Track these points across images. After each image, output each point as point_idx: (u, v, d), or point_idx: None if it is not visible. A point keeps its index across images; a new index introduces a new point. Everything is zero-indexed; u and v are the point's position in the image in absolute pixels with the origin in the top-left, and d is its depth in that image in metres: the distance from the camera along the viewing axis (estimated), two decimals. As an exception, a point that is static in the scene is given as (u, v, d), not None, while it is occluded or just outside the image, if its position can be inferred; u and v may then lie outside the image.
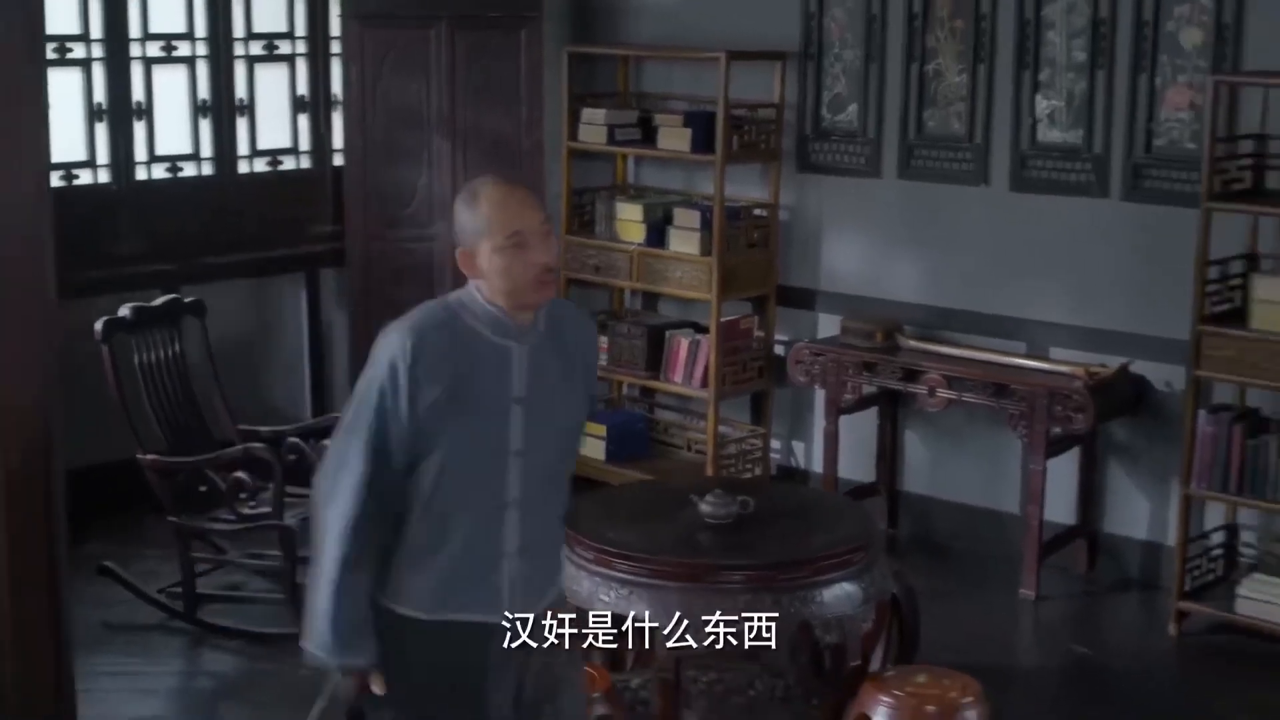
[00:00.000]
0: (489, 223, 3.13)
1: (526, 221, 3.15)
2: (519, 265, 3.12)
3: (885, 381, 6.03)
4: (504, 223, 3.13)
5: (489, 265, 3.13)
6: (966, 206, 6.10)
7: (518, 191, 3.22)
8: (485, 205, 3.15)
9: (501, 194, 3.18)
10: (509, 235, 3.11)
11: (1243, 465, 5.27)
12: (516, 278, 3.13)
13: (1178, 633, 5.44)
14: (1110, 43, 5.68)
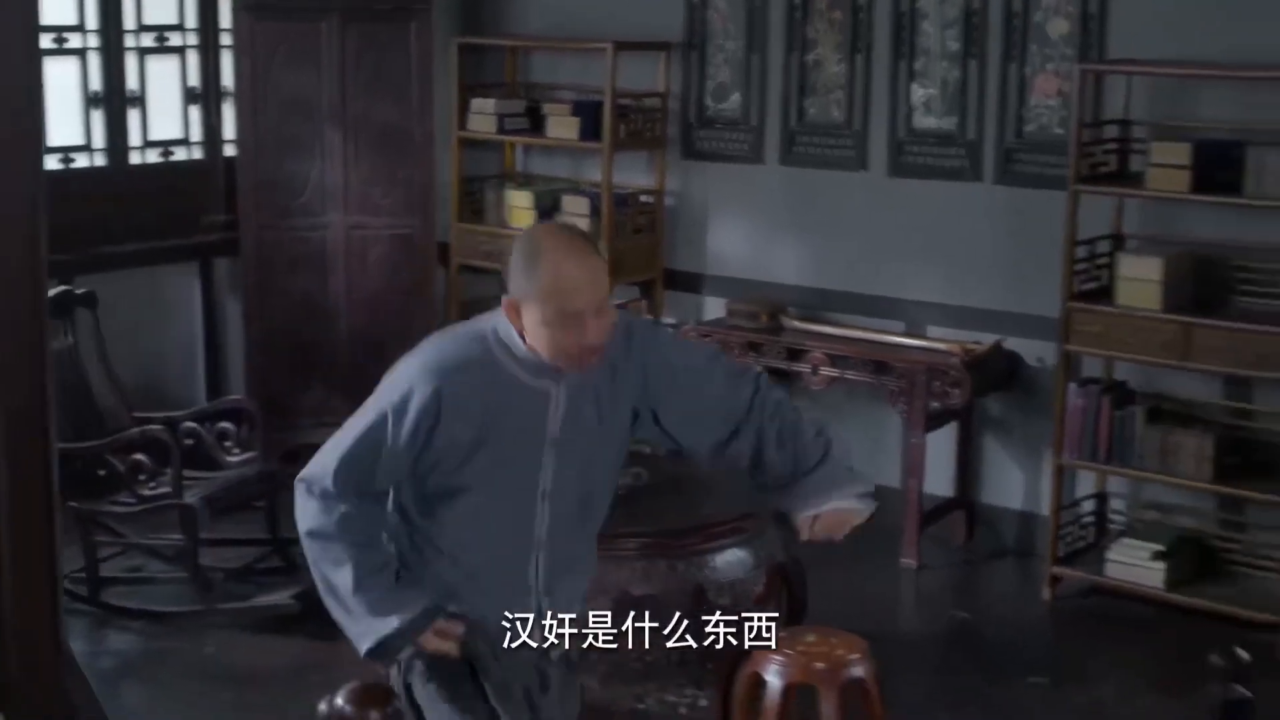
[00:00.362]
0: (544, 293, 2.85)
1: (585, 301, 2.87)
2: (565, 342, 2.88)
3: (770, 361, 6.22)
4: (562, 301, 2.85)
5: (533, 329, 2.89)
6: (846, 191, 6.31)
7: (588, 262, 2.90)
8: (547, 272, 2.86)
9: (568, 265, 2.86)
10: (563, 315, 2.86)
11: (1111, 436, 5.52)
12: (559, 350, 2.90)
13: (1052, 596, 5.69)
14: (982, 33, 5.92)
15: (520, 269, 2.88)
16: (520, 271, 2.88)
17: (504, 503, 2.99)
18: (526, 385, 2.96)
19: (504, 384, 2.95)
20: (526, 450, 2.98)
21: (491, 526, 3.01)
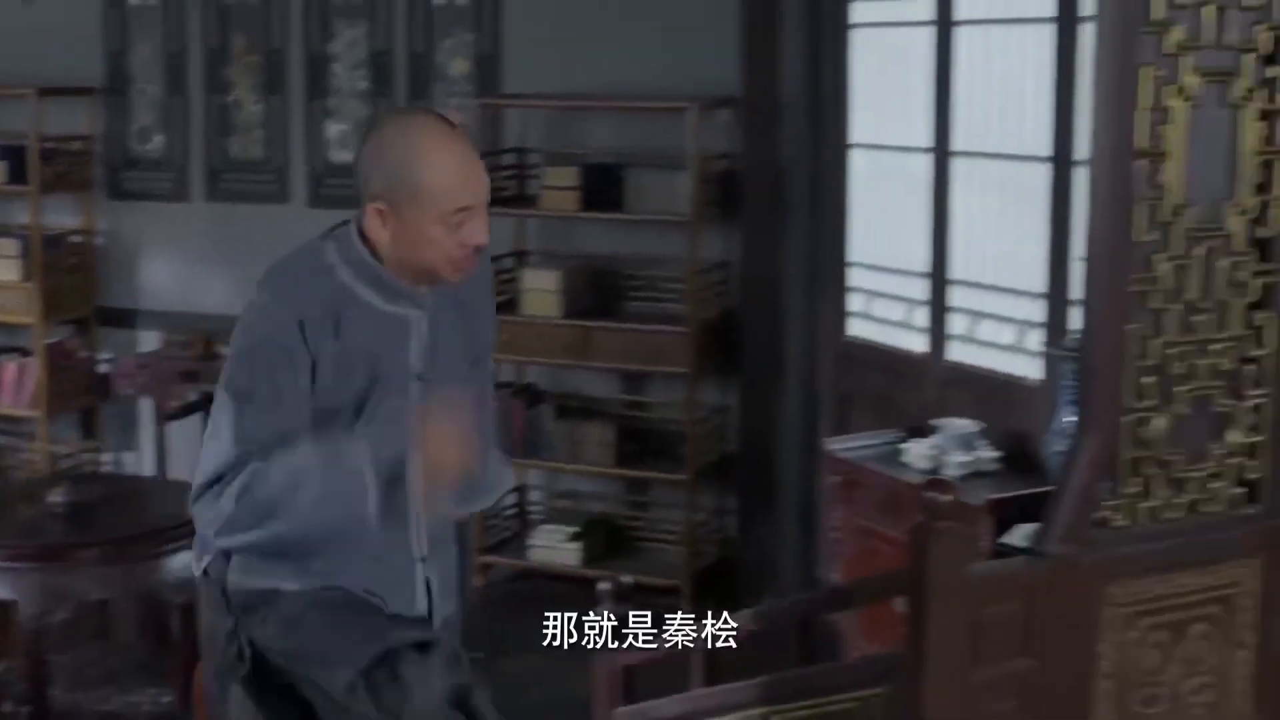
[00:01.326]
0: (435, 189, 2.59)
1: (476, 194, 2.64)
2: (452, 243, 2.63)
3: (207, 387, 6.51)
4: (455, 196, 2.61)
5: (413, 235, 2.62)
6: (271, 223, 6.68)
7: (471, 149, 2.66)
8: (434, 165, 2.60)
9: (456, 155, 2.62)
10: (456, 212, 2.61)
11: (525, 432, 6.14)
12: (444, 254, 2.64)
13: (484, 583, 6.24)
14: (390, 73, 6.46)
15: (395, 166, 2.60)
16: (395, 169, 2.60)
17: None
18: (383, 312, 2.71)
19: (359, 313, 2.69)
20: (390, 387, 2.72)
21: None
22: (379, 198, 2.63)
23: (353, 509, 2.67)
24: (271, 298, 2.71)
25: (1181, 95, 2.92)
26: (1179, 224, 2.97)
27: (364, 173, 2.66)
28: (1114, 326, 2.92)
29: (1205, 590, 3.10)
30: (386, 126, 2.72)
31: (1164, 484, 3.03)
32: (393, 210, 2.62)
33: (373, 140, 2.68)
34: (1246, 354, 3.08)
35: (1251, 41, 3.00)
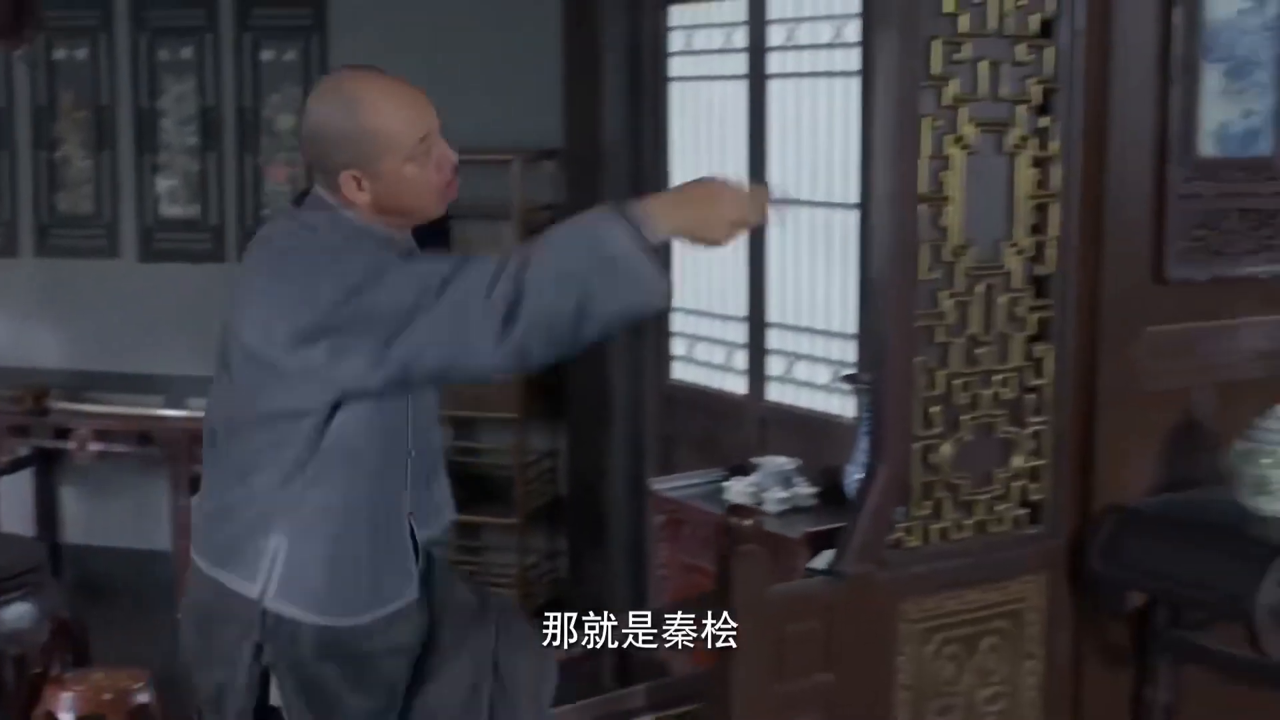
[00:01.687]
0: (392, 132, 2.55)
1: (427, 116, 2.60)
2: (430, 174, 2.59)
3: (38, 441, 6.53)
4: (416, 126, 2.58)
5: (392, 184, 2.56)
6: (102, 278, 6.73)
7: (400, 81, 2.62)
8: (380, 110, 2.55)
9: (394, 89, 2.59)
10: (423, 140, 2.58)
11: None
12: (428, 189, 2.60)
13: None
14: (219, 127, 6.54)
15: (344, 131, 2.55)
16: (347, 133, 2.55)
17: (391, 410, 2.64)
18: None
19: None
20: None
21: (387, 438, 2.64)
22: (347, 166, 2.55)
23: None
24: (333, 238, 2.55)
25: (960, 144, 3.16)
26: (961, 263, 3.19)
27: (317, 152, 2.60)
28: (902, 360, 3.13)
29: (995, 606, 3.32)
30: (318, 102, 2.61)
31: (953, 506, 3.25)
32: (365, 172, 2.55)
33: (312, 119, 2.60)
34: (1027, 384, 3.31)
35: (1024, 94, 3.24)
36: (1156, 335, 3.45)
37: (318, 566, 2.59)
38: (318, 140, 2.58)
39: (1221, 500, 3.36)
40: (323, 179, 2.61)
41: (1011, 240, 3.26)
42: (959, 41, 3.13)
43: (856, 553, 3.09)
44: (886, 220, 3.11)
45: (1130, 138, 3.36)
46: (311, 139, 2.60)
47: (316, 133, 2.58)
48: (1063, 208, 3.26)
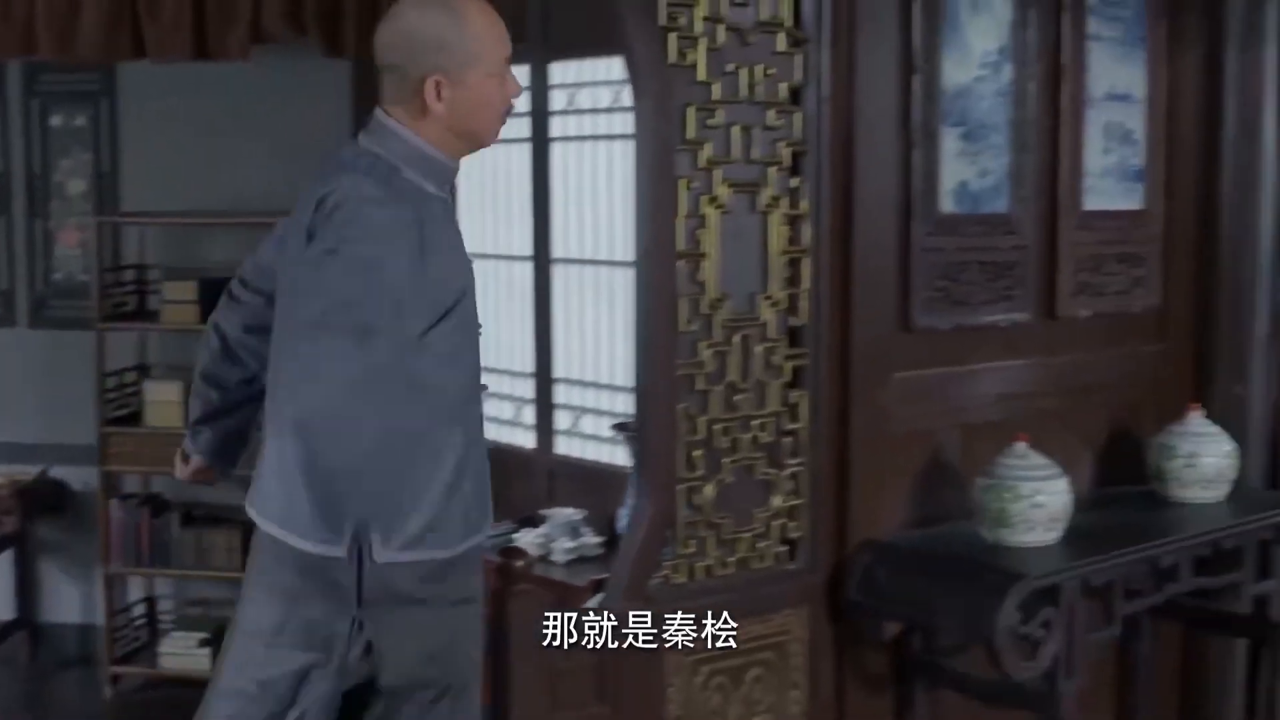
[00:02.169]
0: (484, 45, 2.61)
1: (509, 41, 2.69)
2: (503, 96, 2.66)
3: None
4: (499, 45, 2.64)
5: (472, 97, 2.60)
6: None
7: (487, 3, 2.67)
8: (477, 22, 2.61)
9: (486, 8, 2.65)
10: (505, 61, 2.66)
11: (153, 542, 6.23)
12: (498, 111, 2.67)
13: (114, 694, 6.27)
14: (7, 192, 6.52)
15: (449, 33, 2.58)
16: (451, 36, 2.58)
17: (474, 346, 2.71)
18: (437, 197, 2.65)
19: (435, 208, 2.62)
20: (468, 276, 2.66)
21: (475, 380, 2.72)
22: (434, 70, 2.57)
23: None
24: (375, 192, 2.54)
25: (715, 204, 3.36)
26: (718, 315, 3.40)
27: (404, 55, 2.60)
28: (665, 407, 3.32)
29: (759, 639, 3.51)
30: (413, 6, 2.63)
31: (716, 545, 3.44)
32: (449, 79, 2.58)
33: (405, 20, 2.62)
34: (784, 428, 3.52)
35: (775, 156, 3.47)
36: (904, 381, 3.69)
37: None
38: (410, 41, 2.59)
39: (967, 533, 3.61)
40: (398, 89, 2.62)
41: (766, 293, 3.47)
42: (712, 108, 3.35)
43: (624, 591, 3.26)
44: (647, 276, 3.29)
45: (875, 196, 3.60)
46: (402, 40, 2.60)
47: (410, 33, 2.59)
48: (813, 262, 3.49)
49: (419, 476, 2.53)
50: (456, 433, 2.59)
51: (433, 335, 2.52)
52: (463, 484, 2.62)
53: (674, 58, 3.29)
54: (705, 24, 3.33)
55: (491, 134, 2.69)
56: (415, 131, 2.61)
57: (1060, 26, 3.97)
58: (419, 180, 2.60)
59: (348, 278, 2.46)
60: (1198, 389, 4.35)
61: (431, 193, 2.61)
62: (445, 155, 2.64)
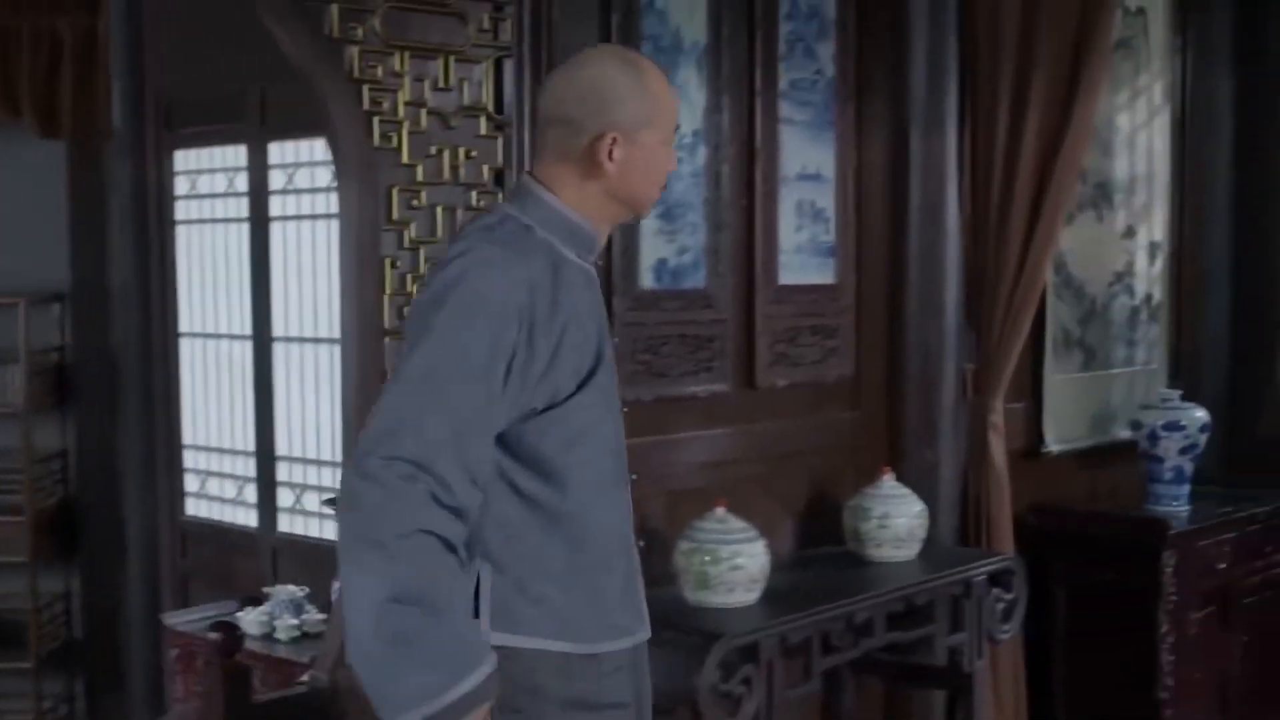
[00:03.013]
0: (661, 109, 2.53)
1: (678, 115, 2.61)
2: (666, 167, 2.57)
3: None
4: (673, 112, 2.57)
5: (643, 158, 2.50)
6: None
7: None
8: (656, 85, 2.53)
9: (663, 76, 2.57)
10: (674, 129, 2.59)
11: None
12: (660, 175, 2.56)
13: None
14: None
15: (628, 89, 2.48)
16: (630, 92, 2.48)
17: (607, 428, 2.49)
18: (581, 268, 2.50)
19: (570, 272, 2.45)
20: (603, 353, 2.48)
21: (605, 463, 2.48)
22: (613, 126, 2.47)
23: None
24: (490, 250, 2.37)
25: (420, 283, 3.46)
26: (427, 390, 3.48)
27: (589, 109, 2.48)
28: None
29: None
30: (599, 61, 2.54)
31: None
32: (625, 137, 2.47)
33: (591, 73, 2.51)
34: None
35: (480, 236, 3.58)
36: (609, 450, 3.82)
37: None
38: (591, 93, 2.48)
39: (671, 597, 3.74)
40: (566, 144, 2.50)
41: (473, 369, 3.57)
42: (416, 189, 3.46)
43: (333, 661, 3.31)
44: (354, 354, 3.37)
45: (577, 274, 3.73)
46: (584, 92, 2.48)
47: (593, 86, 2.48)
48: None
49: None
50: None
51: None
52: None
53: (378, 141, 3.40)
54: (408, 109, 3.44)
55: (650, 201, 2.59)
56: (563, 197, 2.49)
57: (753, 110, 4.17)
58: (557, 244, 2.46)
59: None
60: (891, 453, 4.59)
61: (570, 259, 2.47)
62: (591, 224, 2.52)
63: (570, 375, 2.39)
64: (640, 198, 2.54)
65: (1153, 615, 4.89)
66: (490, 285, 2.30)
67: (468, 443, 2.26)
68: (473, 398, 2.27)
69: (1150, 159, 5.67)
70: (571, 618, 2.42)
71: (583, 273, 2.48)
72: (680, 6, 3.96)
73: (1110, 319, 5.50)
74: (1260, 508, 5.36)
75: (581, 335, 2.40)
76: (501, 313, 2.29)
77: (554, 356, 2.36)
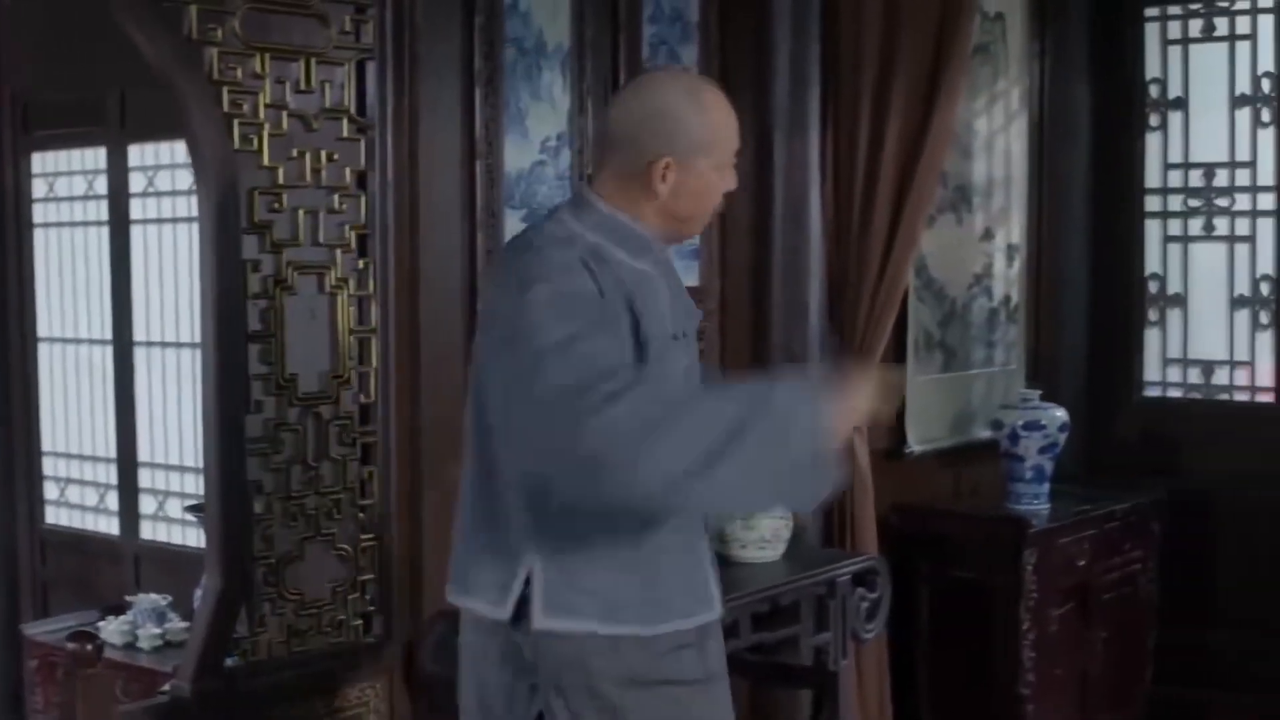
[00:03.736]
0: (718, 137, 2.65)
1: (738, 140, 2.71)
2: (719, 191, 2.70)
3: None
4: (732, 139, 2.68)
5: (695, 184, 2.63)
6: None
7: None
8: (716, 113, 2.64)
9: (726, 102, 2.67)
10: (735, 153, 2.70)
11: None
12: (714, 201, 2.69)
13: None
14: None
15: (687, 115, 2.60)
16: (693, 124, 2.60)
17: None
18: (634, 268, 2.62)
19: (615, 269, 2.58)
20: (654, 347, 2.60)
21: None
22: (669, 152, 2.59)
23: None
24: (561, 254, 2.54)
25: (283, 286, 3.43)
26: (290, 395, 3.46)
27: (638, 131, 2.62)
28: (236, 486, 3.36)
29: (339, 712, 3.57)
30: (661, 86, 2.69)
31: (293, 620, 3.48)
32: (679, 162, 2.60)
33: (655, 97, 2.65)
34: (358, 503, 3.61)
35: (343, 239, 3.56)
36: (475, 454, 3.81)
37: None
38: (651, 118, 2.60)
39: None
40: (622, 164, 2.64)
41: (337, 373, 3.56)
42: (278, 192, 3.43)
43: (196, 670, 3.28)
44: (215, 359, 3.34)
45: (442, 277, 3.74)
46: (644, 116, 2.61)
47: (653, 111, 2.60)
48: (380, 342, 3.60)
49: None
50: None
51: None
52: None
53: (238, 144, 3.36)
54: (269, 111, 3.41)
55: (700, 223, 2.73)
56: (620, 207, 2.64)
57: (617, 115, 4.17)
58: (609, 247, 2.60)
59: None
60: (757, 454, 4.60)
61: (620, 258, 2.60)
62: (646, 232, 2.66)
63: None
64: (688, 221, 2.67)
65: (1014, 613, 4.98)
66: (552, 279, 2.48)
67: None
68: (609, 344, 2.46)
69: (1008, 163, 5.78)
70: (621, 603, 2.55)
71: (633, 271, 2.60)
72: (543, 9, 3.96)
73: (970, 321, 5.60)
74: (1118, 505, 5.48)
75: (620, 321, 2.54)
76: (569, 295, 2.47)
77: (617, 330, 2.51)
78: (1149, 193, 6.12)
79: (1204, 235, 6.03)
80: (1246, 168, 5.92)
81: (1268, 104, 5.84)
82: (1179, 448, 5.98)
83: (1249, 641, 5.78)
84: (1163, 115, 6.09)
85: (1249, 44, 5.90)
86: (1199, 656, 5.81)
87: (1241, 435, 5.87)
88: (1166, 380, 6.15)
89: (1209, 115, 6.00)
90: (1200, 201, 6.02)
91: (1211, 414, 6.02)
